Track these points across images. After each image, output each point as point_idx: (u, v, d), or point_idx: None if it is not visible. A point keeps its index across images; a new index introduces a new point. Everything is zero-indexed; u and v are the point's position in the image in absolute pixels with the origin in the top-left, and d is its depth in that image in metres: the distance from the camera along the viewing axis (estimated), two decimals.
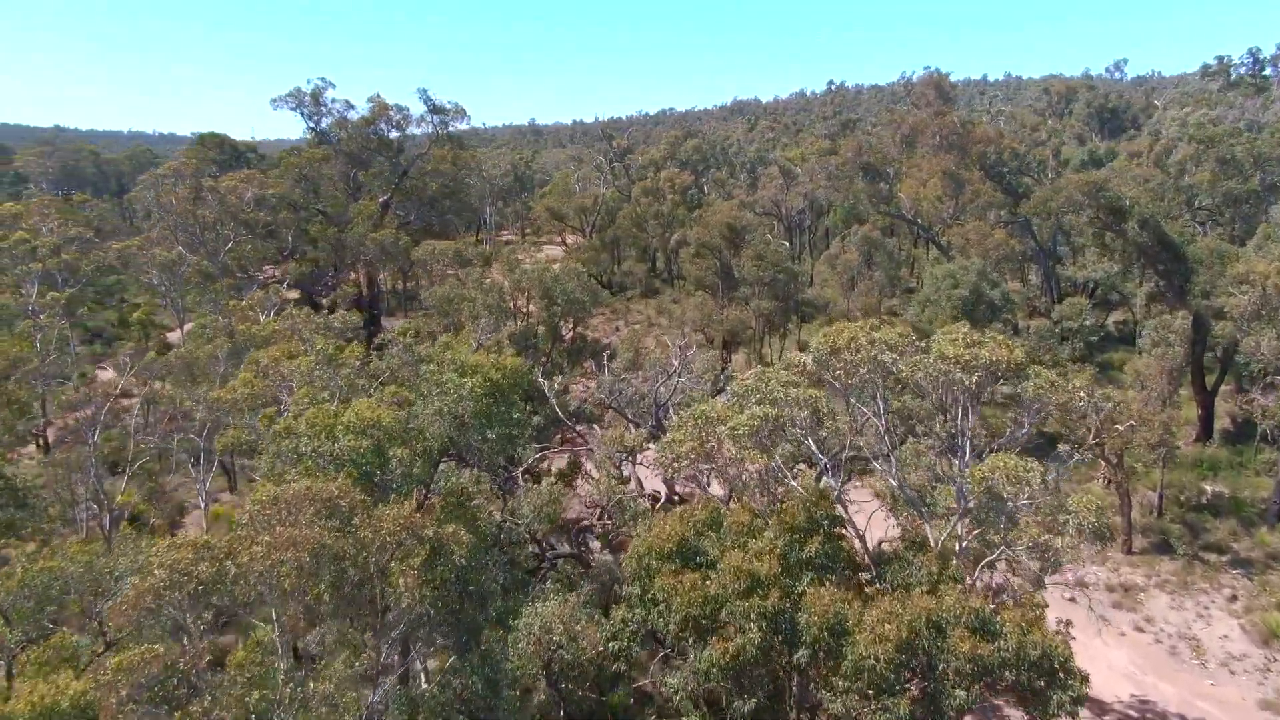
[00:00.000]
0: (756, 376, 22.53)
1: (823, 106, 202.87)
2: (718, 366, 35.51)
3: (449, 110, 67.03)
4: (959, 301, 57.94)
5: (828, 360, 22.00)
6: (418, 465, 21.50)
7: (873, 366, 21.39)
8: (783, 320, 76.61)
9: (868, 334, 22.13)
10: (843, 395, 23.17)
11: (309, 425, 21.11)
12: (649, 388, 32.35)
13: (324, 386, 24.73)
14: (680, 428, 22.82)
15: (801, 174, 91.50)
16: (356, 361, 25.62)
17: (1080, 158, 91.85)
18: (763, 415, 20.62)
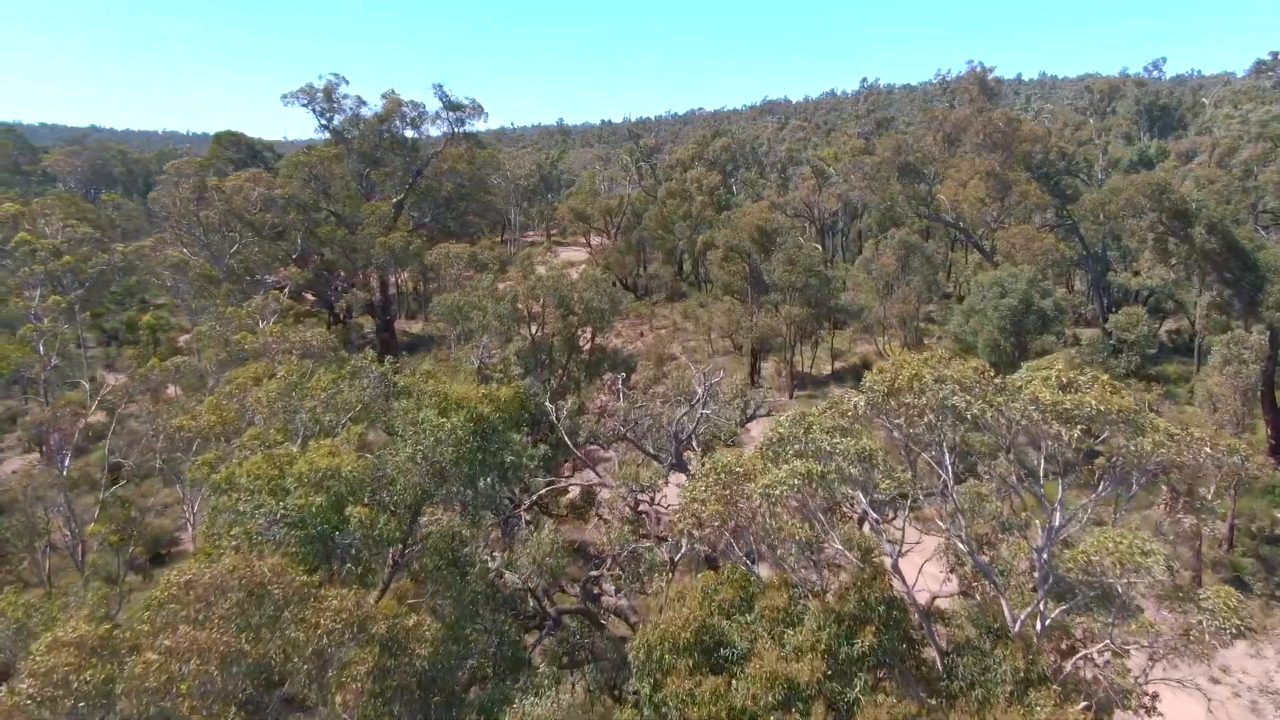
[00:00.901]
0: (794, 421, 18.23)
1: (855, 105, 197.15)
2: (746, 392, 31.10)
3: (465, 107, 63.04)
4: (1008, 312, 53.13)
5: (884, 403, 17.64)
6: (383, 525, 17.53)
7: (941, 412, 17.05)
8: (815, 327, 72.09)
9: (934, 369, 17.78)
10: (901, 445, 18.78)
11: (251, 477, 17.21)
12: (669, 417, 28.14)
13: (285, 423, 20.86)
14: (702, 480, 18.62)
15: (835, 174, 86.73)
16: (322, 392, 21.62)
17: (1130, 157, 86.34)
18: (805, 473, 16.39)
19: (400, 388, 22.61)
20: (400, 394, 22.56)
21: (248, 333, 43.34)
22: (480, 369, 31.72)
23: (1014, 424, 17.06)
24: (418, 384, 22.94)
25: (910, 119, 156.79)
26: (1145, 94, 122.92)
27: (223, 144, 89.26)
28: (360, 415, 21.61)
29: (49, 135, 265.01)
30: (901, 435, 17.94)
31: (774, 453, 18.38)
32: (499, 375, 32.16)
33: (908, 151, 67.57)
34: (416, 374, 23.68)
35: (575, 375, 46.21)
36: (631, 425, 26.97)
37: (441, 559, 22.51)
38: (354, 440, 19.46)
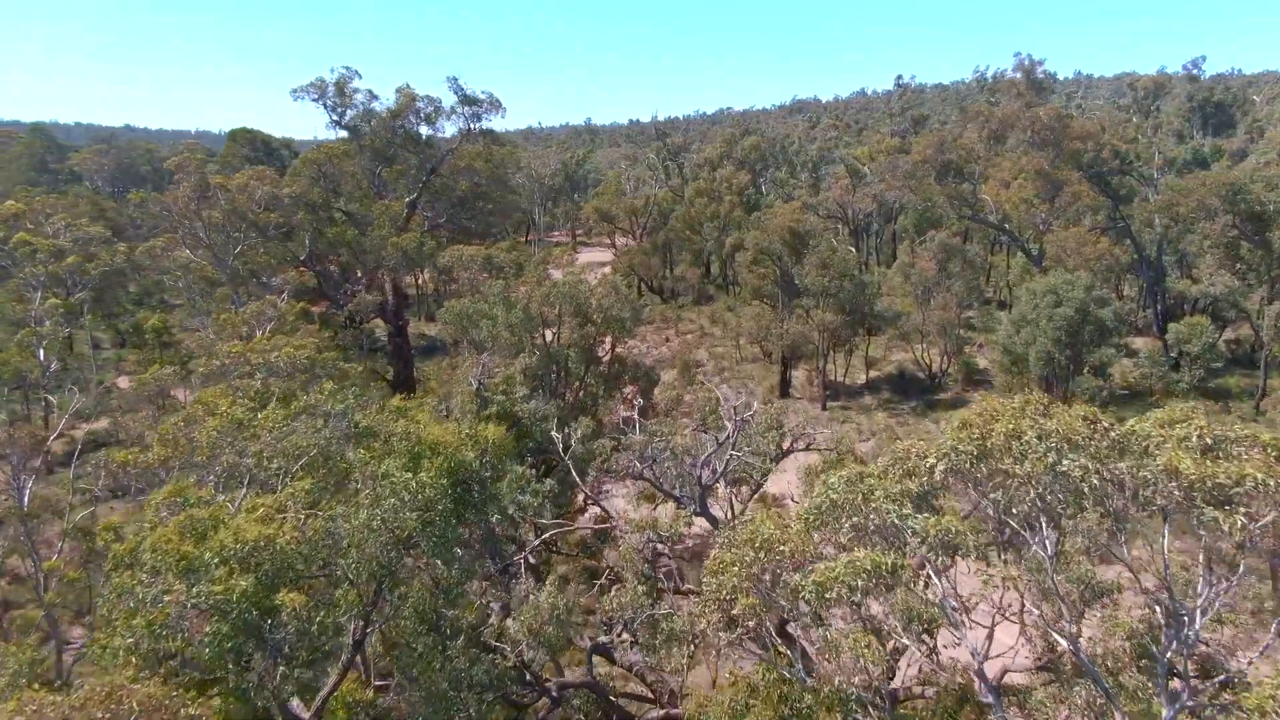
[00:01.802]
0: (849, 484, 13.95)
1: (888, 104, 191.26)
2: (782, 421, 26.76)
3: (482, 101, 58.94)
4: (1063, 322, 48.33)
5: (972, 469, 13.32)
6: (323, 619, 13.53)
7: (1049, 480, 12.72)
8: (849, 335, 67.48)
9: (1033, 421, 13.47)
10: (994, 521, 14.32)
11: (156, 553, 13.29)
12: (693, 449, 23.92)
13: (229, 471, 16.96)
14: (731, 555, 14.45)
15: (870, 174, 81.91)
16: (268, 433, 17.56)
17: (1184, 156, 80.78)
18: (872, 567, 12.18)
19: (364, 429, 18.50)
20: (364, 436, 18.48)
21: (238, 341, 39.59)
22: (478, 390, 27.75)
23: (1146, 503, 12.65)
24: (386, 424, 18.86)
25: (944, 118, 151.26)
26: (1199, 90, 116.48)
27: (238, 141, 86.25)
28: (317, 462, 17.53)
29: (84, 135, 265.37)
30: (996, 512, 13.50)
31: (823, 521, 14.08)
32: (500, 398, 28.16)
33: (950, 149, 62.71)
34: (386, 410, 19.59)
35: (593, 389, 42.07)
36: (650, 462, 22.83)
37: (421, 622, 18.52)
38: (302, 499, 15.46)
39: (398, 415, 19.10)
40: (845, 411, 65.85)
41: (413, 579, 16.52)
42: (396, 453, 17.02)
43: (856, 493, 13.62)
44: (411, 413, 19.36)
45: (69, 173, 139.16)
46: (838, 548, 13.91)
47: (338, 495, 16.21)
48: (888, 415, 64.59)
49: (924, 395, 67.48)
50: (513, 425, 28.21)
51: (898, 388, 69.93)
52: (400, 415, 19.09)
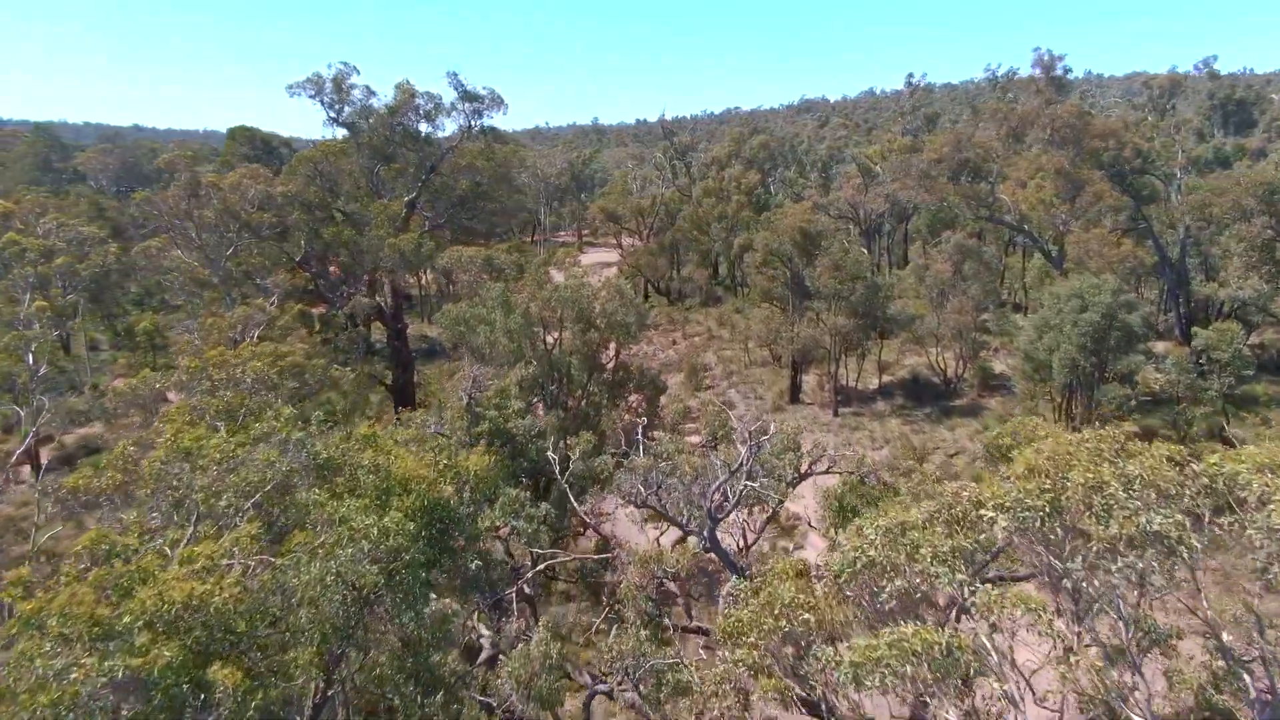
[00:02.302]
0: (889, 537, 11.62)
1: (897, 104, 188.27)
2: (800, 442, 24.40)
3: (483, 98, 56.59)
4: (1088, 328, 45.83)
5: (1044, 528, 10.94)
6: (260, 700, 11.26)
7: (1141, 544, 10.35)
8: (862, 338, 64.99)
9: (1113, 466, 11.13)
10: (1068, 592, 11.87)
11: (63, 617, 11.07)
12: (703, 471, 21.59)
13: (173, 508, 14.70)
14: (748, 620, 12.17)
15: (883, 173, 79.39)
16: (216, 465, 15.22)
17: (1206, 155, 78.09)
18: (921, 647, 9.84)
19: (325, 461, 16.10)
20: (325, 469, 16.12)
21: (222, 349, 37.42)
22: (469, 405, 25.52)
23: (1260, 572, 10.28)
24: (352, 453, 16.47)
25: (955, 117, 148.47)
26: (1219, 88, 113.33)
27: (238, 140, 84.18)
28: (272, 499, 15.20)
29: (93, 135, 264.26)
30: (1070, 583, 11.02)
31: (858, 581, 11.75)
32: (492, 414, 25.88)
33: (967, 147, 60.20)
34: (353, 438, 17.19)
35: (596, 399, 39.77)
36: (655, 488, 20.54)
37: (399, 671, 16.26)
38: (248, 546, 13.17)
39: (365, 444, 16.73)
40: (858, 418, 63.45)
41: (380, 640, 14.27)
42: (363, 488, 14.75)
43: (899, 550, 11.30)
44: (381, 441, 16.96)
45: (73, 172, 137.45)
46: (875, 615, 11.60)
47: (295, 539, 13.96)
48: (901, 422, 62.14)
49: (939, 401, 65.00)
50: (506, 443, 25.96)
51: (911, 393, 67.46)
52: (368, 444, 16.72)
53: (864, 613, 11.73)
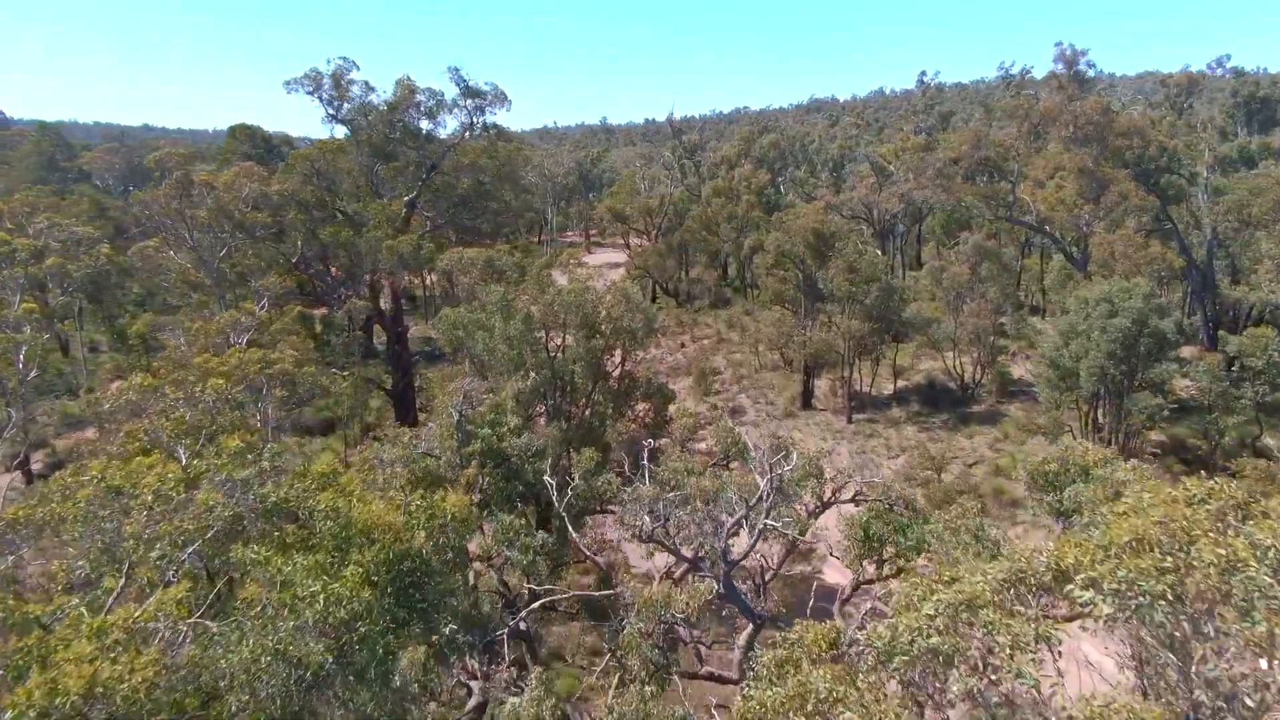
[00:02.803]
0: (952, 616, 9.27)
1: (907, 103, 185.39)
2: (822, 466, 22.00)
3: (486, 94, 54.32)
4: (1118, 334, 43.28)
5: (1167, 622, 8.51)
6: None
7: None
8: (877, 343, 62.49)
9: (1237, 527, 8.82)
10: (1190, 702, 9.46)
11: None
12: (714, 503, 19.22)
13: (101, 556, 12.45)
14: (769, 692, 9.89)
15: (898, 172, 76.85)
16: (147, 510, 12.90)
17: (1231, 154, 75.30)
18: None
19: (275, 505, 13.69)
20: (276, 515, 13.77)
21: (207, 355, 35.28)
22: (460, 423, 23.26)
23: None
24: (308, 494, 14.10)
25: (967, 116, 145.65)
26: (1244, 85, 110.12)
27: (238, 138, 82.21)
28: (215, 549, 12.88)
29: (102, 134, 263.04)
30: (1213, 698, 8.53)
31: (913, 672, 9.38)
32: (485, 432, 23.59)
33: (987, 145, 57.64)
34: (310, 475, 14.80)
35: (601, 409, 37.45)
36: (662, 521, 18.24)
37: None
38: (173, 610, 10.91)
39: (323, 484, 14.33)
40: (872, 425, 61.01)
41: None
42: (320, 537, 12.46)
43: (968, 639, 8.95)
44: (344, 480, 14.56)
45: (79, 171, 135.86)
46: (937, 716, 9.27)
47: (245, 592, 11.73)
48: (918, 429, 59.69)
49: (956, 407, 62.48)
50: (500, 463, 23.69)
51: (928, 399, 64.95)
52: (327, 485, 14.32)
53: (920, 710, 9.43)
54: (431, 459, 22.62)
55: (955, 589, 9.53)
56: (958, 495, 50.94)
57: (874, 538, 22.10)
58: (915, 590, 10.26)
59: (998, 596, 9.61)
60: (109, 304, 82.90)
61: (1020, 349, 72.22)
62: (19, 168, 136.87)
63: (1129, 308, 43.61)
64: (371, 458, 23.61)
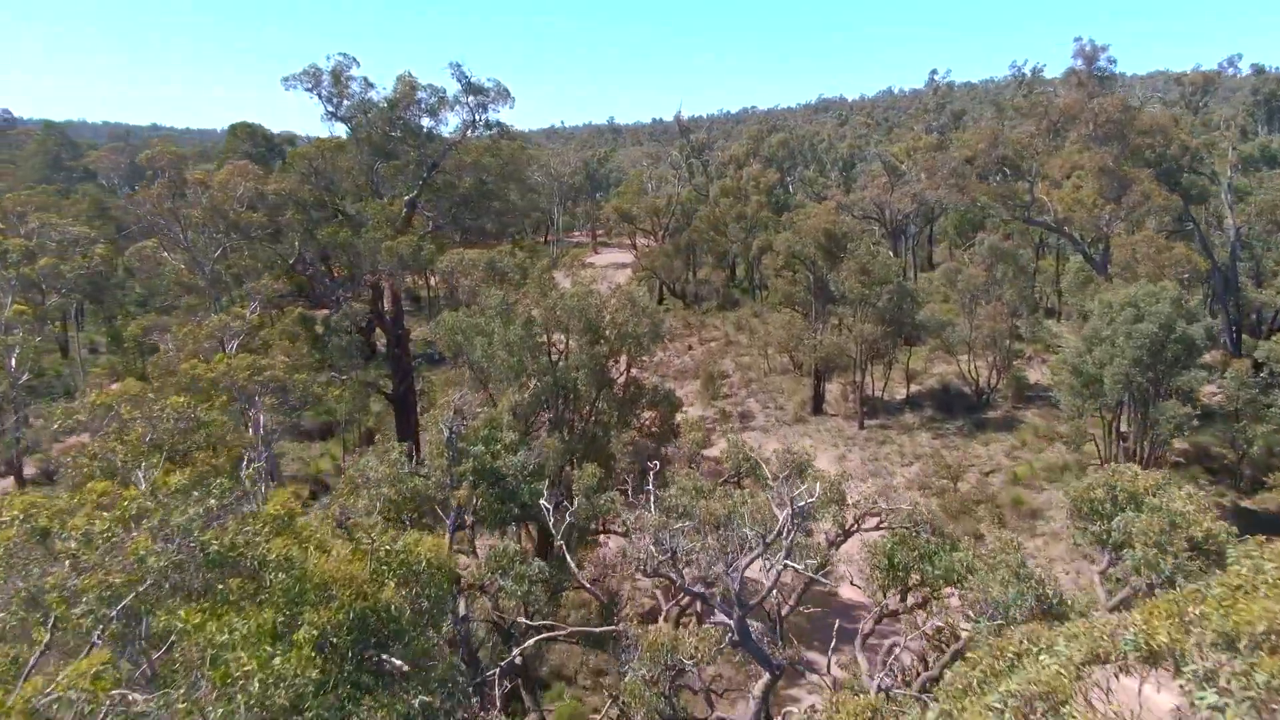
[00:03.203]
0: (1013, 710, 7.51)
1: (915, 102, 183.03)
2: (843, 490, 20.07)
3: (488, 90, 52.50)
4: (1145, 340, 41.26)
5: None
6: None
7: None
8: (889, 346, 60.50)
9: None
10: None
11: None
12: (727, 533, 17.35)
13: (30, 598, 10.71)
14: None
15: (910, 171, 74.84)
16: (70, 557, 10.95)
17: (1253, 153, 73.06)
18: None
19: (217, 555, 11.67)
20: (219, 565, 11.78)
21: (194, 360, 33.64)
22: (450, 440, 21.46)
23: None
24: (257, 540, 12.13)
25: (977, 115, 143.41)
26: (1265, 82, 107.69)
27: (239, 136, 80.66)
28: (150, 604, 11.02)
29: (109, 134, 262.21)
30: None
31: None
32: (478, 449, 21.78)
33: (1005, 144, 55.62)
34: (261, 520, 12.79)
35: (605, 418, 35.64)
36: (669, 554, 16.40)
37: None
38: (87, 685, 9.14)
39: (276, 529, 12.39)
40: (885, 431, 59.09)
41: None
42: (270, 592, 10.63)
43: None
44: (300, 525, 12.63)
45: (84, 171, 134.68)
46: None
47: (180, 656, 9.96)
48: (932, 436, 57.75)
49: (971, 413, 60.49)
50: (495, 483, 21.88)
51: (941, 404, 62.94)
52: (281, 529, 12.38)
53: None
54: (420, 479, 20.87)
55: (1028, 677, 7.71)
56: (974, 505, 49.13)
57: (898, 566, 20.24)
58: (974, 671, 8.43)
59: (1079, 683, 7.81)
60: (110, 305, 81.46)
61: (1036, 352, 70.20)
62: (24, 167, 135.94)
63: (1155, 312, 41.59)
64: (357, 475, 21.89)
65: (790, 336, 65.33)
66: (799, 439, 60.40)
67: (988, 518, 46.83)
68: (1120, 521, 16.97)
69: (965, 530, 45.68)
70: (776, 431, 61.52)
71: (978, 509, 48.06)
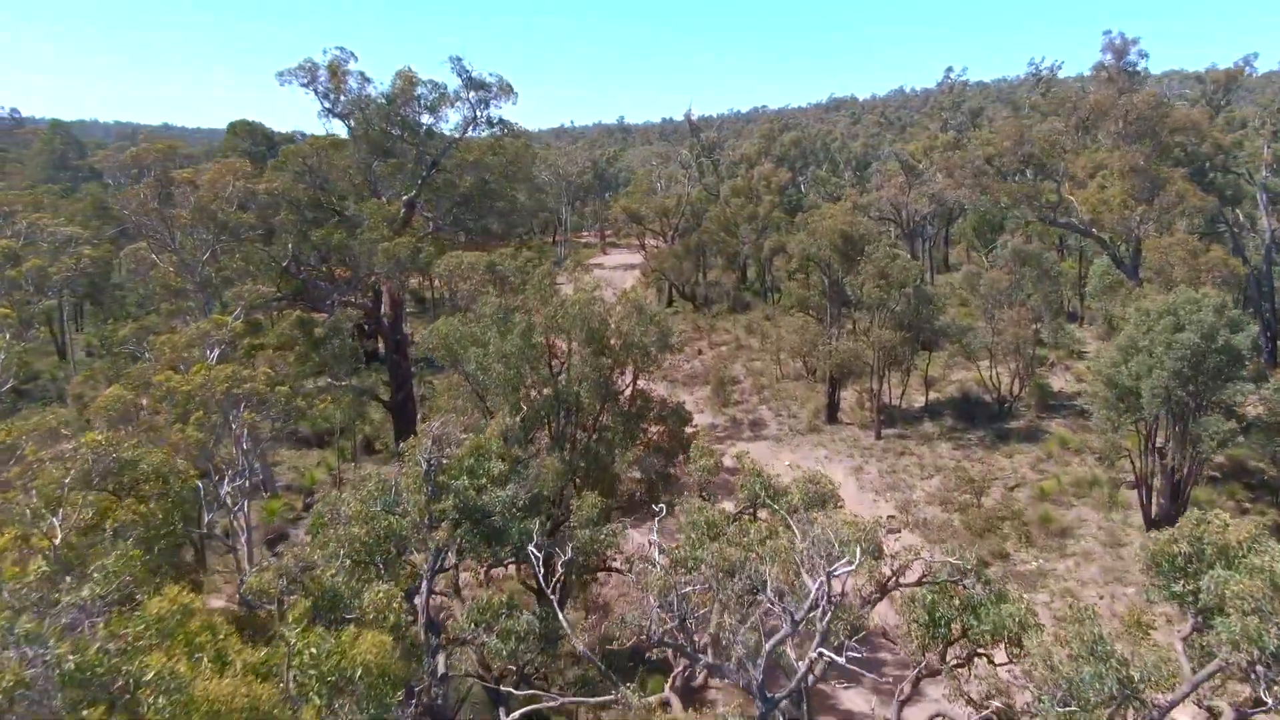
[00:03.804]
0: None
1: (931, 100, 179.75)
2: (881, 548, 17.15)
3: (490, 86, 49.92)
4: (1186, 351, 38.32)
5: None
6: None
7: None
8: (908, 353, 57.61)
9: None
10: None
11: None
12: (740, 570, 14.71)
13: None
14: None
15: (928, 171, 71.89)
16: None
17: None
18: None
19: (73, 673, 8.66)
20: (75, 684, 8.90)
21: (169, 372, 31.17)
22: (429, 473, 18.74)
23: None
24: (131, 654, 9.01)
25: (992, 114, 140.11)
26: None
27: (238, 134, 78.40)
28: None
29: (118, 133, 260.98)
30: None
31: None
32: (461, 483, 19.06)
33: (1032, 141, 52.71)
34: (142, 623, 9.82)
35: (609, 436, 33.00)
36: (679, 618, 13.74)
37: None
38: None
39: (159, 637, 9.49)
40: (903, 441, 56.22)
41: None
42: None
43: None
44: (190, 632, 9.79)
45: (89, 170, 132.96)
46: None
47: None
48: (953, 447, 54.87)
49: (993, 423, 57.57)
50: (480, 521, 19.20)
51: (962, 413, 60.01)
52: (166, 637, 9.51)
53: None
54: (395, 518, 18.27)
55: None
56: (1000, 522, 46.25)
57: (940, 621, 17.52)
58: None
59: None
60: (111, 306, 79.26)
61: (1059, 359, 67.25)
62: (30, 166, 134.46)
63: (1197, 321, 38.64)
64: (326, 510, 19.30)
65: (804, 341, 62.54)
66: (814, 449, 57.70)
67: (1014, 536, 44.13)
68: (1211, 582, 14.22)
69: (990, 549, 43.02)
70: (790, 441, 58.77)
71: (1003, 526, 45.27)
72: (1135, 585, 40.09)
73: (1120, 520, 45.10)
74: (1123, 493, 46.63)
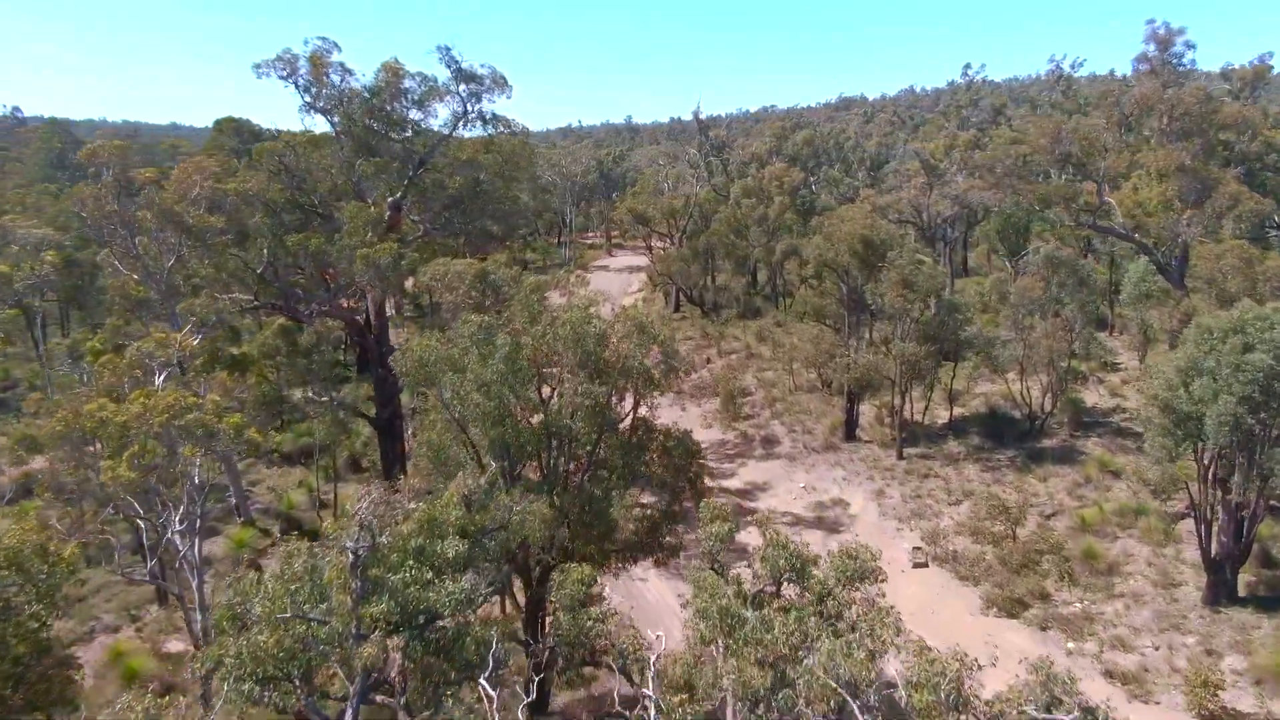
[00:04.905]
0: None
1: (943, 99, 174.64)
2: (965, 698, 12.74)
3: (482, 78, 45.41)
4: (1257, 374, 33.54)
5: None
6: None
7: None
8: (932, 366, 52.84)
9: None
10: None
11: None
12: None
13: None
14: None
15: (950, 171, 67.14)
16: None
17: None
18: None
19: None
20: None
21: (103, 401, 26.79)
22: (357, 565, 14.10)
23: None
24: None
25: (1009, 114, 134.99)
26: None
27: (224, 132, 74.15)
28: None
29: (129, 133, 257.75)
30: None
31: None
32: (401, 577, 14.46)
33: (1069, 139, 47.96)
34: None
35: (606, 477, 28.51)
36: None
37: None
38: None
39: None
40: (927, 461, 51.52)
41: None
42: None
43: None
44: None
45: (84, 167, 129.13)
46: None
47: None
48: (981, 468, 50.17)
49: (1024, 442, 52.80)
50: (424, 627, 14.46)
51: (989, 430, 55.21)
52: None
53: None
54: (314, 623, 13.75)
55: None
56: (1038, 556, 41.44)
57: None
58: None
59: None
60: (94, 310, 75.20)
61: (1091, 371, 62.30)
62: (29, 164, 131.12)
63: (1269, 340, 33.86)
64: (238, 602, 14.76)
65: (819, 352, 57.87)
66: (830, 469, 53.12)
67: (1054, 573, 39.43)
68: None
69: (1029, 589, 38.39)
70: (805, 460, 54.22)
71: (1042, 561, 40.54)
72: (1195, 634, 35.53)
73: (1173, 556, 40.33)
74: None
